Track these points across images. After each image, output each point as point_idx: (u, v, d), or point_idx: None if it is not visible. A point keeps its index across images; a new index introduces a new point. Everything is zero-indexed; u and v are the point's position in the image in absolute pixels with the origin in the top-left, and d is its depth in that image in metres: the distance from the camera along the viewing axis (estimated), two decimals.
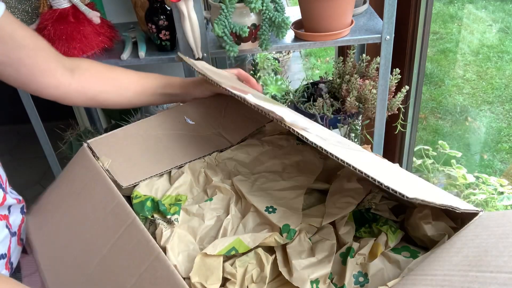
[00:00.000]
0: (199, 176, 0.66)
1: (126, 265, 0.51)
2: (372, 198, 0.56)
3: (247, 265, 0.50)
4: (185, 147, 0.71)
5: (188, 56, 1.13)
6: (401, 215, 0.56)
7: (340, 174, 0.61)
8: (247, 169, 0.67)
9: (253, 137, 0.73)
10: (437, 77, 2.19)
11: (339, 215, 0.54)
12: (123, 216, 0.56)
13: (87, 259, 0.55)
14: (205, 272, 0.49)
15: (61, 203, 0.67)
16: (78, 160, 0.70)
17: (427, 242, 0.51)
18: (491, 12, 2.31)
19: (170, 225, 0.57)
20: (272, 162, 0.67)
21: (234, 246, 0.51)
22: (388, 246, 0.51)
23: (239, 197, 0.62)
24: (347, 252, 0.51)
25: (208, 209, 0.60)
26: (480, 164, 1.85)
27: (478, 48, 2.20)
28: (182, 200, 0.62)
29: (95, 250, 0.55)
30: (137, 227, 0.53)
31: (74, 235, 0.60)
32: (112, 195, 0.60)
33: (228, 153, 0.69)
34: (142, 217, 0.59)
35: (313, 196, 0.61)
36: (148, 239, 0.51)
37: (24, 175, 2.46)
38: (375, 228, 0.54)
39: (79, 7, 1.15)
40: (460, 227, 0.48)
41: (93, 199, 0.62)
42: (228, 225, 0.57)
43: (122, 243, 0.53)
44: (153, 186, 0.65)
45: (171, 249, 0.53)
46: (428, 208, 0.51)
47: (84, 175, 0.67)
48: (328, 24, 1.06)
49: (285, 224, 0.54)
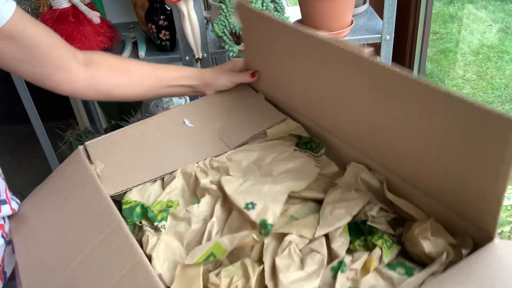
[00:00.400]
0: (190, 179, 0.64)
1: (107, 267, 0.50)
2: (369, 210, 0.53)
3: (233, 276, 0.48)
4: (181, 151, 0.69)
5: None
6: (399, 228, 0.54)
7: (338, 184, 0.59)
8: (239, 173, 0.64)
9: (252, 142, 0.71)
10: (437, 77, 2.19)
11: (333, 227, 0.52)
12: (109, 219, 0.55)
13: (68, 259, 0.54)
14: (186, 283, 0.47)
15: (48, 202, 0.66)
16: (71, 162, 0.70)
17: (424, 259, 0.49)
18: (491, 12, 2.31)
19: (157, 232, 0.56)
20: (266, 168, 0.64)
21: (213, 252, 0.49)
22: (382, 261, 0.49)
23: (226, 197, 0.59)
24: (339, 267, 0.48)
25: (195, 212, 0.58)
26: None
27: (478, 48, 2.20)
28: (174, 205, 0.61)
29: (77, 250, 0.54)
30: (122, 230, 0.53)
31: (57, 234, 0.59)
32: (100, 198, 0.59)
33: (223, 158, 0.67)
34: (130, 223, 0.57)
35: (308, 206, 0.58)
36: (132, 243, 0.50)
37: (24, 175, 2.46)
38: (370, 241, 0.51)
39: (79, 7, 1.15)
40: (460, 245, 0.46)
41: (81, 200, 0.61)
42: (212, 228, 0.55)
43: (105, 245, 0.52)
44: (146, 192, 0.63)
45: (157, 257, 0.51)
46: (427, 222, 0.49)
47: (75, 177, 0.66)
48: (328, 24, 1.06)
49: (262, 220, 0.52)
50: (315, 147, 0.66)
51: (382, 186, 0.56)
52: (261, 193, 0.57)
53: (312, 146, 0.67)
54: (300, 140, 0.69)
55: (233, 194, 0.57)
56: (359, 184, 0.57)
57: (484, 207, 0.45)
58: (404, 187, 0.55)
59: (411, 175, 0.54)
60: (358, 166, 0.59)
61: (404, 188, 0.54)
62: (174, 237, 0.56)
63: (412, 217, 0.52)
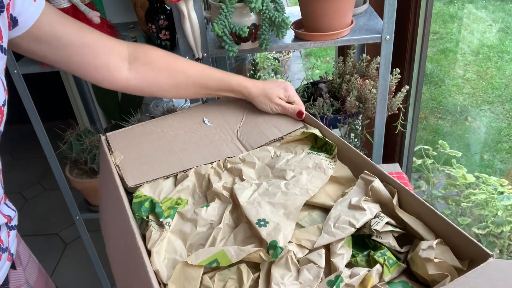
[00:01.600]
0: (203, 181, 0.65)
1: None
2: (375, 224, 0.51)
3: (227, 280, 0.48)
4: (198, 150, 0.70)
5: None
6: (408, 245, 0.52)
7: (347, 193, 0.58)
8: (253, 176, 0.64)
9: (268, 144, 0.71)
10: (437, 77, 2.19)
11: (335, 239, 0.51)
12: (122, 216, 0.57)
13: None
14: (183, 282, 0.47)
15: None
16: (101, 150, 0.73)
17: (428, 280, 0.47)
18: (491, 12, 2.31)
19: (161, 228, 0.56)
20: (280, 170, 0.64)
21: (217, 258, 0.49)
22: (383, 279, 0.47)
23: (236, 206, 0.59)
24: (335, 281, 0.47)
25: (202, 215, 0.58)
26: (480, 164, 1.85)
27: (478, 48, 2.20)
28: (182, 204, 0.61)
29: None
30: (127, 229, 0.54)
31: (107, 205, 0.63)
32: (116, 194, 0.60)
33: (237, 159, 0.67)
34: (138, 217, 0.58)
35: (315, 214, 0.57)
36: (133, 247, 0.52)
37: (24, 175, 2.46)
38: (372, 257, 0.50)
39: (79, 7, 1.15)
40: (465, 269, 0.45)
41: (108, 188, 0.64)
42: (218, 234, 0.55)
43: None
44: (158, 187, 0.64)
45: (157, 252, 0.52)
46: (433, 244, 0.47)
47: (104, 165, 0.69)
48: (328, 24, 1.06)
49: (273, 240, 0.50)
50: (329, 148, 0.66)
51: (392, 200, 0.54)
52: (274, 205, 0.56)
53: (326, 148, 0.67)
54: (316, 144, 0.69)
55: (245, 205, 0.57)
56: (369, 195, 0.56)
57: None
58: (416, 203, 0.52)
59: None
60: (371, 176, 0.58)
61: (416, 204, 0.52)
62: (178, 236, 0.56)
63: (421, 235, 0.50)
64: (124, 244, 0.54)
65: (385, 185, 0.56)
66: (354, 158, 0.62)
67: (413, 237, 0.52)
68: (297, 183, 0.60)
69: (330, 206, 0.56)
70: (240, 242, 0.54)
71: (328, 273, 0.49)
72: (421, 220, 0.52)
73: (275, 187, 0.59)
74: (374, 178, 0.57)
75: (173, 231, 0.57)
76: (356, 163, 0.62)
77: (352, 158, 0.63)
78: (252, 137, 0.72)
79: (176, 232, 0.57)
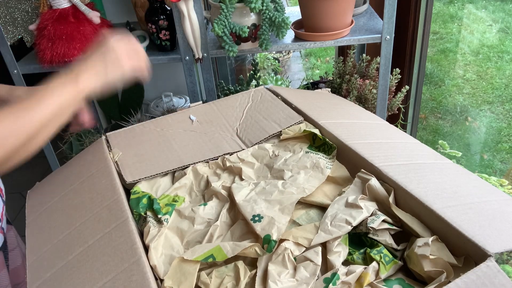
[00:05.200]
0: (201, 180, 0.65)
1: (105, 262, 0.51)
2: (371, 222, 0.51)
3: (224, 277, 0.49)
4: (197, 147, 0.71)
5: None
6: (404, 243, 0.52)
7: (344, 192, 0.58)
8: (252, 176, 0.65)
9: (267, 141, 0.71)
10: (437, 77, 2.19)
11: (331, 237, 0.51)
12: (117, 213, 0.56)
13: (72, 246, 0.55)
14: (179, 277, 0.48)
15: (63, 186, 0.67)
16: (92, 150, 0.72)
17: (425, 277, 0.47)
18: (491, 12, 2.31)
19: (159, 224, 0.57)
20: (278, 170, 0.64)
21: (213, 254, 0.49)
22: (379, 277, 0.47)
23: (234, 204, 0.59)
24: (332, 278, 0.47)
25: (200, 213, 0.58)
26: (480, 164, 1.85)
27: (478, 48, 2.20)
28: (179, 201, 0.61)
29: (81, 239, 0.55)
30: (126, 227, 0.53)
31: (67, 219, 0.60)
32: (113, 191, 0.60)
33: (236, 158, 0.67)
34: (136, 213, 0.58)
35: (312, 212, 0.57)
36: (134, 242, 0.51)
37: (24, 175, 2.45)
38: (368, 255, 0.50)
39: (79, 7, 1.15)
40: (462, 265, 0.45)
41: (94, 190, 0.62)
42: (215, 231, 0.55)
43: (109, 239, 0.53)
44: (155, 184, 0.65)
45: (154, 248, 0.52)
46: (429, 240, 0.47)
47: (93, 166, 0.68)
48: (328, 24, 1.06)
49: (266, 235, 0.51)
50: (328, 149, 0.66)
51: (388, 198, 0.55)
52: (269, 202, 0.57)
53: (325, 148, 0.67)
54: (314, 143, 0.69)
55: (241, 203, 0.58)
56: (366, 193, 0.56)
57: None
58: (413, 201, 0.52)
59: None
60: (368, 174, 0.58)
61: (413, 202, 0.52)
62: (175, 233, 0.57)
63: (417, 233, 0.50)
64: (108, 242, 0.54)
65: (381, 183, 0.56)
66: (354, 158, 0.62)
67: (409, 235, 0.52)
68: (294, 182, 0.60)
69: (327, 205, 0.56)
70: (237, 238, 0.54)
71: (325, 271, 0.49)
72: (417, 218, 0.52)
73: (272, 186, 0.60)
74: (370, 177, 0.57)
75: (170, 228, 0.57)
76: (355, 163, 0.62)
77: (352, 158, 0.63)
78: (252, 133, 0.72)
79: (174, 229, 0.57)
